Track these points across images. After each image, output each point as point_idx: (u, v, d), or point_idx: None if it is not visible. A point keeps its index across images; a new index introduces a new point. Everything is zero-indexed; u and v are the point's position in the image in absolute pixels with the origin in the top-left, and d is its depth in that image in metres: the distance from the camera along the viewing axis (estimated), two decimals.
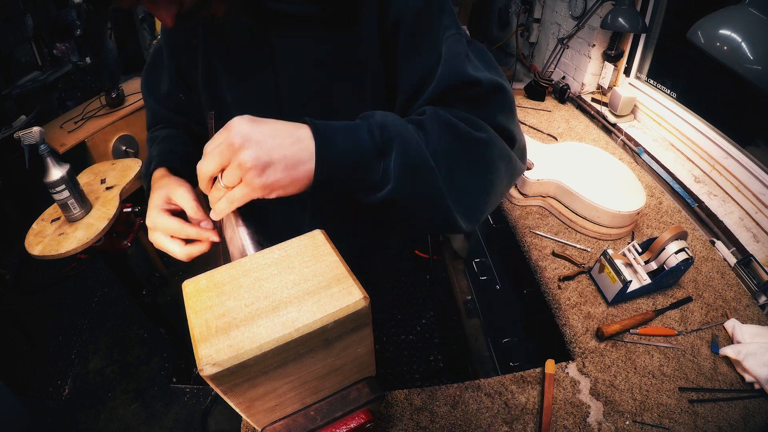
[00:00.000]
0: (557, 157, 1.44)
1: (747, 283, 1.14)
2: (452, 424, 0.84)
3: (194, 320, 0.38)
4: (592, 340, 0.99)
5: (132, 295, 1.72)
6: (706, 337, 1.01)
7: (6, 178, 2.38)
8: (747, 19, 0.82)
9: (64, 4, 2.60)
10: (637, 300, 1.09)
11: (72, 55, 2.65)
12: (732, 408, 0.87)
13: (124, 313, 2.28)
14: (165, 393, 1.93)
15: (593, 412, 0.86)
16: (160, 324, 1.87)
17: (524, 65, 2.57)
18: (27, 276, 2.46)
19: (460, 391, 0.89)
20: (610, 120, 1.83)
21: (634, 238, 1.29)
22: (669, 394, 0.89)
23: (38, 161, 1.30)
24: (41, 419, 1.83)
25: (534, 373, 0.93)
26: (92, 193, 1.51)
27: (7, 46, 2.32)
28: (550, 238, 1.27)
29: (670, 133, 1.67)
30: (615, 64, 1.91)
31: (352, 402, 0.49)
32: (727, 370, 0.94)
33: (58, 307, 2.33)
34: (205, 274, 0.43)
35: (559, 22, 2.19)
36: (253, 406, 0.42)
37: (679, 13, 1.65)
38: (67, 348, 2.11)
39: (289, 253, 0.44)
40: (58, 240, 1.34)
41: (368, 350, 0.46)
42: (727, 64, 0.82)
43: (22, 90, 2.40)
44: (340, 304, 0.38)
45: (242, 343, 0.36)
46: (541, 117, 1.96)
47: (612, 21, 1.63)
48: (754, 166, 1.32)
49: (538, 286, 1.17)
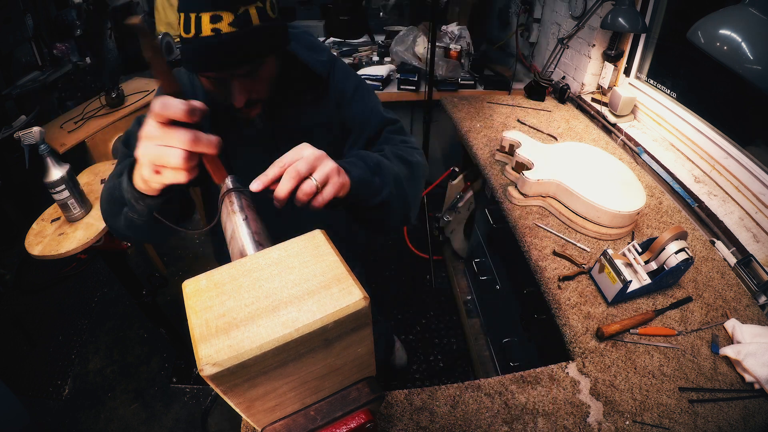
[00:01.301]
0: (557, 157, 1.44)
1: (747, 283, 1.14)
2: (452, 424, 0.84)
3: (194, 320, 0.38)
4: (592, 340, 0.99)
5: (132, 295, 1.72)
6: (706, 337, 1.01)
7: (6, 178, 2.38)
8: (747, 19, 0.82)
9: (64, 4, 2.60)
10: (637, 300, 1.09)
11: (72, 55, 2.65)
12: (732, 408, 0.87)
13: (124, 313, 2.28)
14: (165, 393, 1.93)
15: (593, 412, 0.86)
16: (160, 324, 1.87)
17: (524, 65, 2.57)
18: (27, 276, 2.46)
19: (460, 391, 0.89)
20: (610, 120, 1.83)
21: (634, 238, 1.29)
22: (669, 394, 0.89)
23: (38, 161, 1.30)
24: (41, 419, 1.83)
25: (534, 373, 0.93)
26: (92, 193, 1.51)
27: (7, 46, 2.31)
28: (553, 232, 1.27)
29: (670, 133, 1.67)
30: (615, 64, 1.91)
31: (352, 402, 0.49)
32: (727, 370, 0.94)
33: (58, 307, 2.33)
34: (205, 274, 0.43)
35: (559, 22, 2.19)
36: (253, 406, 0.42)
37: (679, 13, 1.65)
38: (67, 348, 2.11)
39: (289, 253, 0.44)
40: (58, 240, 1.34)
41: (368, 350, 0.46)
42: (727, 64, 0.82)
43: (22, 90, 2.40)
44: (340, 304, 0.38)
45: (242, 343, 0.36)
46: (541, 117, 1.96)
47: (612, 21, 1.64)
48: (754, 166, 1.32)
49: (538, 286, 1.17)
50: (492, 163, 1.64)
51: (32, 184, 1.77)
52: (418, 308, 2.29)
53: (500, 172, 1.58)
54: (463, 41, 2.39)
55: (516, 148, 1.50)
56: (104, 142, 2.12)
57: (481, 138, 1.80)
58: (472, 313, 2.13)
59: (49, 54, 2.55)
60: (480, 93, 2.30)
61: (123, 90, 2.30)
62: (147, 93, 2.34)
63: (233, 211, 0.55)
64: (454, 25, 2.48)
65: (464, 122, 1.93)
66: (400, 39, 2.48)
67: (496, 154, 1.65)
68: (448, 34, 2.43)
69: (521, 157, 1.45)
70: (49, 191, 1.32)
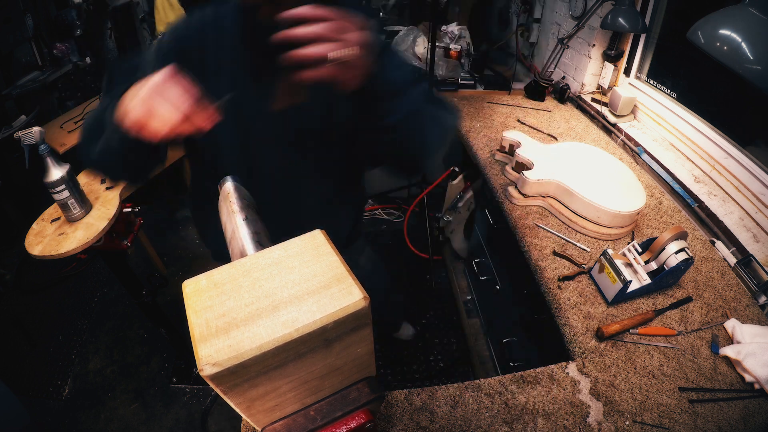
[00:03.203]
0: (557, 157, 1.44)
1: (747, 283, 1.14)
2: (452, 424, 0.84)
3: (194, 320, 0.38)
4: (592, 340, 0.99)
5: (132, 295, 1.72)
6: (706, 337, 1.01)
7: (6, 178, 2.38)
8: (747, 19, 0.82)
9: (64, 4, 2.60)
10: (637, 300, 1.09)
11: (72, 55, 2.65)
12: (732, 408, 0.87)
13: (124, 313, 2.28)
14: (165, 393, 1.93)
15: (593, 412, 0.86)
16: (160, 324, 1.87)
17: (524, 65, 2.56)
18: (27, 276, 2.46)
19: (460, 391, 0.89)
20: (610, 120, 1.83)
21: (634, 238, 1.29)
22: (669, 394, 0.89)
23: (38, 161, 1.30)
24: (41, 419, 1.83)
25: (534, 373, 0.93)
26: (92, 193, 1.51)
27: (7, 46, 2.32)
28: (553, 232, 1.27)
29: (670, 133, 1.67)
30: (615, 64, 1.91)
31: (352, 402, 0.49)
32: (727, 370, 0.94)
33: (58, 307, 2.32)
34: (205, 274, 0.43)
35: (559, 22, 2.19)
36: (253, 406, 0.42)
37: (679, 13, 1.65)
38: (67, 348, 2.11)
39: (289, 253, 0.44)
40: (58, 240, 1.34)
41: (368, 350, 0.46)
42: (727, 64, 0.82)
43: (22, 90, 2.40)
44: (340, 304, 0.38)
45: (242, 343, 0.36)
46: (541, 117, 1.97)
47: (612, 21, 1.63)
48: (754, 166, 1.32)
49: (538, 286, 1.17)
50: (492, 163, 1.64)
51: (32, 184, 1.77)
52: (418, 308, 2.29)
53: (500, 172, 1.58)
54: (463, 41, 2.39)
55: (516, 148, 1.50)
56: None
57: (481, 138, 1.80)
58: (472, 313, 2.13)
59: (49, 54, 2.55)
60: (480, 93, 2.29)
61: None
62: None
63: (233, 211, 0.55)
64: (454, 25, 2.48)
65: (464, 122, 1.94)
66: (400, 39, 2.48)
67: (496, 154, 1.65)
68: (448, 34, 2.43)
69: (521, 157, 1.45)
70: (49, 191, 1.32)
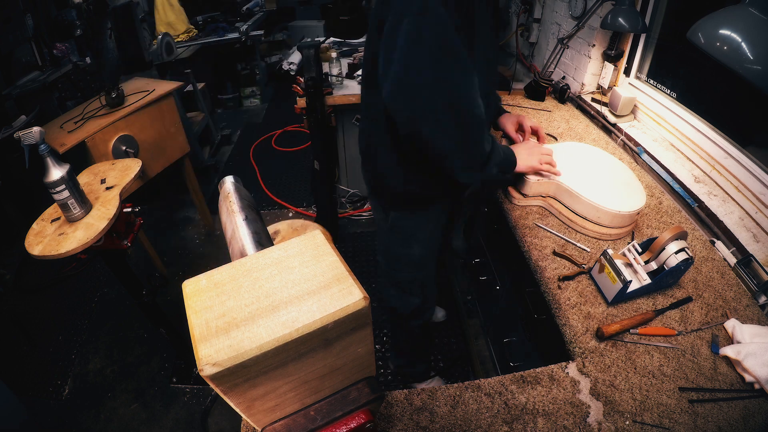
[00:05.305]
0: (557, 157, 1.44)
1: (747, 283, 1.14)
2: (452, 424, 0.84)
3: (194, 320, 0.38)
4: (592, 340, 0.99)
5: (132, 295, 1.72)
6: (706, 337, 1.01)
7: (6, 178, 2.38)
8: (747, 19, 0.82)
9: (64, 4, 2.61)
10: (637, 300, 1.09)
11: (72, 55, 2.66)
12: (732, 408, 0.87)
13: (124, 313, 2.28)
14: (165, 393, 1.93)
15: (593, 412, 0.86)
16: (160, 324, 1.87)
17: (524, 65, 2.57)
18: (27, 276, 2.46)
19: (460, 391, 0.89)
20: (610, 120, 1.83)
21: (634, 238, 1.29)
22: (669, 394, 0.89)
23: (38, 161, 1.30)
24: (41, 419, 1.83)
25: (534, 373, 0.93)
26: (92, 193, 1.51)
27: (7, 46, 2.32)
28: (553, 232, 1.27)
29: (670, 133, 1.67)
30: (615, 64, 1.91)
31: (352, 402, 0.49)
32: (727, 370, 0.94)
33: (58, 307, 2.33)
34: (205, 274, 0.43)
35: (559, 22, 2.19)
36: (253, 406, 0.42)
37: (679, 13, 1.65)
38: (67, 348, 2.11)
39: (289, 253, 0.44)
40: (58, 240, 1.34)
41: (368, 350, 0.46)
42: (727, 64, 0.82)
43: (22, 90, 2.40)
44: (340, 304, 0.38)
45: (242, 343, 0.36)
46: (541, 117, 1.96)
47: (612, 21, 1.63)
48: (754, 166, 1.32)
49: (538, 286, 1.17)
50: None
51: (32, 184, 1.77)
52: None
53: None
54: None
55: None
56: (104, 142, 2.12)
57: None
58: (472, 313, 2.13)
59: (49, 54, 2.56)
60: None
61: (123, 90, 2.30)
62: (147, 93, 2.34)
63: (233, 211, 0.55)
64: None
65: None
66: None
67: None
68: None
69: None
70: (49, 191, 1.32)
